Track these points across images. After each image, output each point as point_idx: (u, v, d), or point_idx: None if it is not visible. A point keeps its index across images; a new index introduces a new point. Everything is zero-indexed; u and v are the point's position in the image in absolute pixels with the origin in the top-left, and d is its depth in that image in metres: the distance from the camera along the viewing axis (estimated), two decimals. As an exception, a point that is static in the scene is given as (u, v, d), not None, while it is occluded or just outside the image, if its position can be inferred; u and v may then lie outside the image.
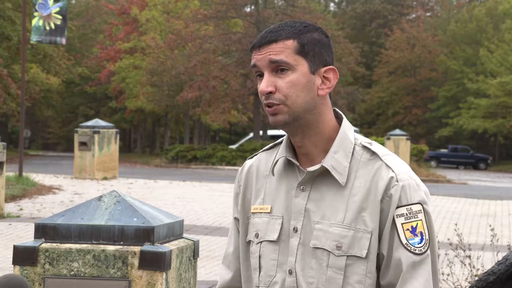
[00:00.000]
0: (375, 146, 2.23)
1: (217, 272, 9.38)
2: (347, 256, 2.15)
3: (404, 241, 2.14)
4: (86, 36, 58.86)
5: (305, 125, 2.19)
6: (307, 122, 2.19)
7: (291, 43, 2.18)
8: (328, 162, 2.19)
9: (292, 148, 2.26)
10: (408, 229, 2.15)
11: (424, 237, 2.16)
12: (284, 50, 2.17)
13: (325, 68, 2.21)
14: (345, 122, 2.25)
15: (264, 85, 2.18)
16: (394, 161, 2.20)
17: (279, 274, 2.22)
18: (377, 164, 2.19)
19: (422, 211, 2.17)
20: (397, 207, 2.15)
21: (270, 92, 2.17)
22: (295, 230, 2.21)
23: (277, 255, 2.23)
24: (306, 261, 2.19)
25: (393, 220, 2.15)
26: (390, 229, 2.15)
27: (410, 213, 2.16)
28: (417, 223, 2.16)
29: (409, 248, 2.14)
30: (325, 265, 2.17)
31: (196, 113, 41.53)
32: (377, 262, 2.18)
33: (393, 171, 2.17)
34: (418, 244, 2.15)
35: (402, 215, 2.15)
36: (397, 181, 2.16)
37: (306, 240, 2.19)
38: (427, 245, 2.16)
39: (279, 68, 2.17)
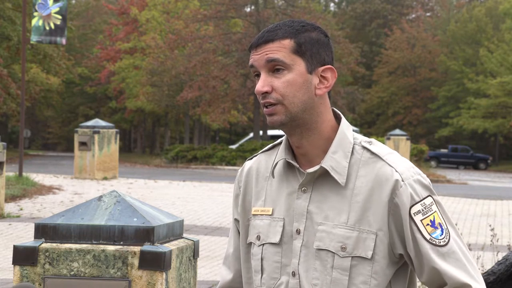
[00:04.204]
0: (375, 145, 2.22)
1: (218, 273, 9.38)
2: (352, 257, 2.15)
3: (428, 237, 2.14)
4: (86, 36, 58.90)
5: (302, 125, 2.18)
6: (305, 122, 2.18)
7: (287, 43, 2.16)
8: (327, 162, 2.18)
9: (291, 149, 2.25)
10: (428, 224, 2.15)
11: (443, 227, 2.17)
12: (280, 50, 2.15)
13: (322, 68, 2.19)
14: (344, 122, 2.23)
15: (260, 85, 2.16)
16: (395, 160, 2.19)
17: (284, 277, 2.22)
18: (379, 164, 2.18)
19: (434, 202, 2.18)
20: (412, 206, 2.14)
21: (266, 92, 2.16)
22: (298, 232, 2.20)
23: (280, 257, 2.22)
24: (310, 263, 2.18)
25: (412, 219, 2.14)
26: (410, 228, 2.15)
27: (425, 208, 2.16)
28: (434, 216, 2.16)
29: (433, 242, 2.14)
30: (329, 266, 2.16)
31: (196, 113, 41.54)
32: (389, 263, 2.17)
33: (396, 171, 2.16)
34: (440, 236, 2.15)
35: (419, 212, 2.15)
36: (403, 181, 2.15)
37: (309, 242, 2.18)
38: (448, 235, 2.16)
39: (275, 68, 2.16)
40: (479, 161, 49.27)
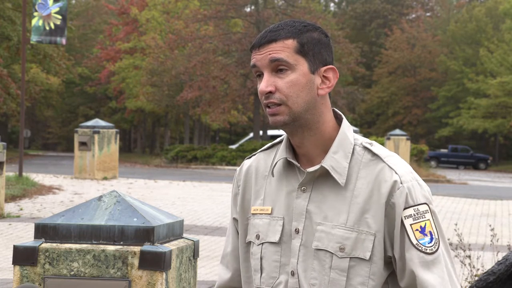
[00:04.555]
0: (376, 146, 2.22)
1: (217, 272, 9.37)
2: (350, 258, 2.14)
3: (415, 242, 2.13)
4: (86, 36, 58.90)
5: (304, 125, 2.18)
6: (307, 122, 2.18)
7: (290, 43, 2.16)
8: (327, 162, 2.18)
9: (292, 149, 2.25)
10: (417, 230, 2.14)
11: (433, 236, 2.15)
12: (284, 50, 2.15)
13: (324, 68, 2.19)
14: (345, 122, 2.23)
15: (263, 85, 2.16)
16: (396, 162, 2.19)
17: (282, 276, 2.21)
18: (379, 166, 2.17)
19: (429, 211, 2.16)
20: (404, 209, 2.14)
21: (270, 92, 2.16)
22: (297, 231, 2.19)
23: (279, 256, 2.22)
24: (308, 263, 2.18)
25: (402, 222, 2.14)
26: (400, 231, 2.14)
27: (417, 214, 2.14)
28: (426, 223, 2.15)
29: (420, 248, 2.13)
30: (327, 266, 2.16)
31: (196, 113, 41.54)
32: (385, 264, 2.16)
33: (396, 173, 2.16)
34: (428, 243, 2.14)
35: (410, 216, 2.14)
36: (402, 183, 2.15)
37: (308, 242, 2.18)
38: (437, 244, 2.15)
39: (278, 67, 2.16)
40: (479, 161, 49.27)
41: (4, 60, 36.40)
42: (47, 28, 19.36)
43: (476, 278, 4.98)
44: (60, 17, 19.47)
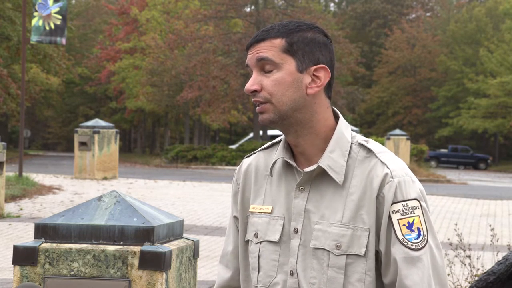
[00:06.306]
0: (371, 143, 2.22)
1: (216, 271, 9.36)
2: (347, 255, 2.14)
3: (401, 237, 2.12)
4: (86, 36, 58.91)
5: (296, 124, 2.18)
6: (298, 121, 2.18)
7: (278, 42, 2.17)
8: (324, 161, 2.18)
9: (289, 148, 2.25)
10: (404, 225, 2.12)
11: (421, 232, 2.13)
12: (270, 49, 2.17)
13: (315, 67, 2.18)
14: (342, 120, 2.23)
15: (249, 84, 2.18)
16: (389, 158, 2.19)
17: (280, 275, 2.22)
18: (372, 162, 2.18)
19: (420, 207, 2.15)
20: (393, 203, 2.13)
21: (256, 91, 2.18)
22: (296, 231, 2.20)
23: (278, 255, 2.22)
24: (307, 262, 2.18)
25: (389, 216, 2.13)
26: (387, 225, 2.13)
27: (406, 209, 2.13)
28: (414, 219, 2.13)
29: (405, 243, 2.12)
30: (325, 265, 2.16)
31: (196, 113, 41.54)
32: (376, 260, 2.16)
33: (388, 167, 2.16)
34: (415, 239, 2.12)
35: (398, 211, 2.13)
36: (392, 177, 2.14)
37: (307, 241, 2.18)
38: (425, 241, 2.13)
39: (265, 66, 2.17)
40: (479, 161, 49.27)
41: (4, 60, 36.38)
42: (47, 28, 19.36)
43: (476, 278, 4.98)
44: (60, 17, 19.47)
